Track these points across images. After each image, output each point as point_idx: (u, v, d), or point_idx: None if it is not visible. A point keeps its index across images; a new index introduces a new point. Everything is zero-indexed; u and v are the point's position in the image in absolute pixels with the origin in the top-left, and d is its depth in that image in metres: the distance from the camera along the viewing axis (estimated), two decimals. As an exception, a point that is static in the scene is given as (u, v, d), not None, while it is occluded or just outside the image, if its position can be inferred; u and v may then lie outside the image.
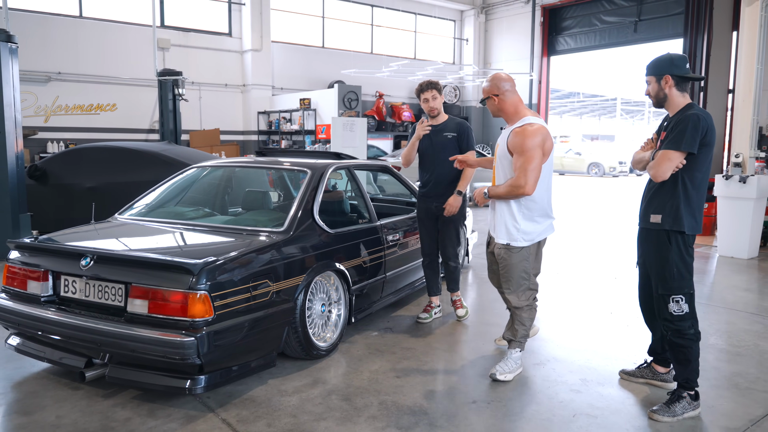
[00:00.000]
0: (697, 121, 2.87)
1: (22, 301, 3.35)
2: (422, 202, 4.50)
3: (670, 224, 2.99)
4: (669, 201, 2.99)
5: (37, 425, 2.87)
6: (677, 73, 2.99)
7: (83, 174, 7.44)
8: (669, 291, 3.02)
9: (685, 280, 3.02)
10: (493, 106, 3.45)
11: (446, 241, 4.48)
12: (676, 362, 3.10)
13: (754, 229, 7.34)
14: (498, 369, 3.49)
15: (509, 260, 3.43)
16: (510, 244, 3.41)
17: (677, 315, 3.01)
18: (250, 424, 2.89)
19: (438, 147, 4.34)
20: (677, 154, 2.90)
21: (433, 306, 4.65)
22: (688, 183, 2.96)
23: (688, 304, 3.02)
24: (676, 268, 3.00)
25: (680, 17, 13.45)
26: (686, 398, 3.03)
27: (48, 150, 11.89)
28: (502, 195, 3.36)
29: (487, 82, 3.46)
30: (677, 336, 3.03)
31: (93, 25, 12.64)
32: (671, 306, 3.02)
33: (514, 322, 3.58)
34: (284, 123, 14.43)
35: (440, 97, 4.39)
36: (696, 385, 3.06)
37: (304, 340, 3.55)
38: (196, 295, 2.89)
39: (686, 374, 3.05)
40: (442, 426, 2.90)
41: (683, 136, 2.87)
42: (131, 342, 2.92)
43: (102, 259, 3.15)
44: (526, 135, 3.25)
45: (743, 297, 5.54)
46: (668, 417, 2.98)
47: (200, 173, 4.69)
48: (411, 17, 17.94)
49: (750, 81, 7.49)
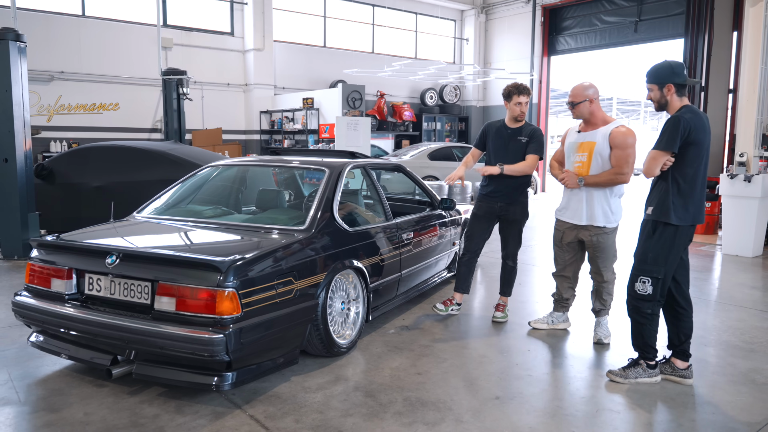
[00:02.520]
0: (677, 122, 3.16)
1: (46, 299, 3.36)
2: (485, 201, 4.52)
3: (657, 215, 3.30)
4: (659, 195, 3.31)
5: (66, 422, 2.89)
6: (678, 81, 3.27)
7: (90, 173, 7.44)
8: (639, 271, 3.35)
9: (657, 266, 3.29)
10: (587, 109, 3.92)
11: (510, 240, 4.53)
12: (632, 335, 3.47)
13: (758, 228, 7.40)
14: (600, 334, 4.10)
15: (606, 241, 3.99)
16: (606, 226, 3.96)
17: (639, 294, 3.34)
18: (278, 420, 2.92)
19: (512, 150, 4.38)
20: (660, 153, 3.21)
21: (454, 301, 4.69)
22: (678, 178, 3.25)
23: (653, 287, 3.31)
24: (652, 253, 3.31)
25: (681, 17, 13.52)
26: (642, 365, 3.42)
27: (51, 149, 11.88)
28: (602, 183, 3.88)
29: (580, 89, 3.93)
30: (635, 312, 3.39)
31: (96, 25, 12.63)
32: (637, 285, 3.35)
33: (602, 294, 4.12)
34: (287, 122, 14.44)
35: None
36: (653, 357, 3.43)
37: (325, 337, 3.58)
38: (224, 292, 2.92)
39: (637, 342, 3.44)
40: (469, 421, 2.93)
41: (664, 137, 3.20)
42: (159, 339, 2.94)
43: (128, 257, 3.16)
44: (628, 134, 3.82)
45: (751, 294, 5.60)
46: (620, 378, 3.41)
47: (216, 172, 4.71)
48: (412, 17, 17.97)
49: (754, 81, 7.56)
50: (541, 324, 4.42)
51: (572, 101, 3.94)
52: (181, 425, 2.87)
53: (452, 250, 5.57)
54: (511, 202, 4.42)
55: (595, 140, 3.91)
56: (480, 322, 4.63)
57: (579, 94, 3.93)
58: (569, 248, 4.17)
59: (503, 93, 4.46)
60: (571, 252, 4.18)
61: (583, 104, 3.91)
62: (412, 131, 17.10)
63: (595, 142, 3.91)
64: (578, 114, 3.97)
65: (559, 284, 4.35)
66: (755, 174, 7.35)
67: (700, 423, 2.96)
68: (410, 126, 17.01)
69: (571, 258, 4.20)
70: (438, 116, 17.86)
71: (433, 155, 13.54)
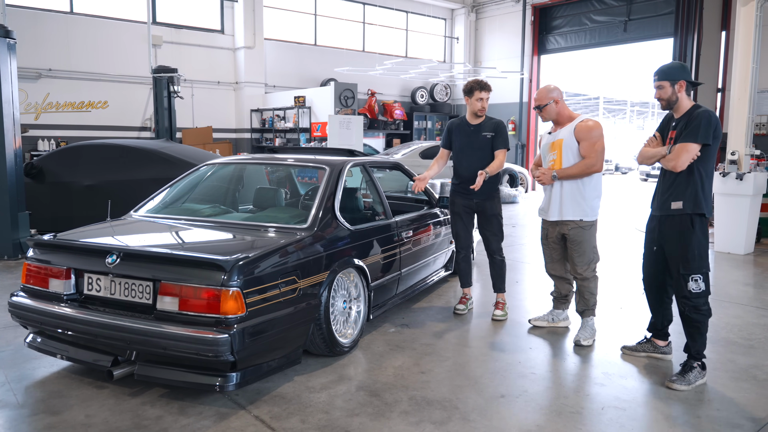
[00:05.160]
0: (709, 117, 3.27)
1: (43, 299, 3.30)
2: (460, 198, 4.58)
3: (692, 208, 3.32)
4: (688, 188, 3.33)
5: (67, 425, 2.84)
6: (689, 79, 3.40)
7: (81, 172, 7.34)
8: (689, 271, 3.33)
9: (704, 261, 3.34)
10: (554, 110, 4.04)
11: (490, 236, 4.58)
12: (690, 336, 3.42)
13: (750, 225, 7.47)
14: (581, 336, 4.04)
15: (582, 236, 4.01)
16: (582, 219, 3.98)
17: (695, 293, 3.33)
18: (283, 421, 2.89)
19: (477, 146, 4.46)
20: (695, 146, 3.27)
21: (468, 297, 4.81)
22: (702, 172, 3.33)
23: (705, 282, 3.34)
24: (697, 249, 3.32)
25: (670, 17, 13.62)
26: (697, 368, 3.36)
27: (39, 148, 11.71)
28: (574, 174, 3.93)
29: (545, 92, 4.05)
30: (694, 312, 3.35)
31: (84, 22, 12.46)
32: (690, 284, 3.33)
33: (584, 294, 4.10)
34: (278, 121, 14.36)
35: None
36: (704, 356, 3.40)
37: (328, 336, 3.55)
38: (229, 291, 2.88)
39: (698, 346, 3.39)
40: (475, 420, 2.92)
41: (699, 130, 3.25)
42: (162, 339, 2.89)
43: (129, 256, 3.11)
44: (592, 126, 3.94)
45: (746, 291, 5.65)
46: (684, 385, 3.29)
47: (212, 171, 4.66)
48: (402, 15, 17.94)
49: (746, 80, 7.61)
50: (541, 322, 4.44)
51: (538, 104, 4.06)
52: (185, 426, 2.83)
53: (449, 248, 5.56)
54: (486, 198, 4.49)
55: (562, 137, 4.04)
56: (480, 320, 4.62)
57: (544, 97, 4.04)
58: (555, 245, 4.20)
59: (464, 89, 4.55)
60: (557, 248, 4.22)
61: (549, 106, 4.03)
62: (403, 130, 17.08)
63: (563, 138, 4.03)
64: (546, 116, 4.10)
65: (556, 282, 4.38)
66: (746, 172, 7.42)
67: (705, 419, 2.97)
68: (401, 125, 16.98)
69: (558, 255, 4.24)
70: (429, 115, 17.86)
71: (425, 154, 13.52)
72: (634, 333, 4.17)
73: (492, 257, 4.65)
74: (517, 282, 5.82)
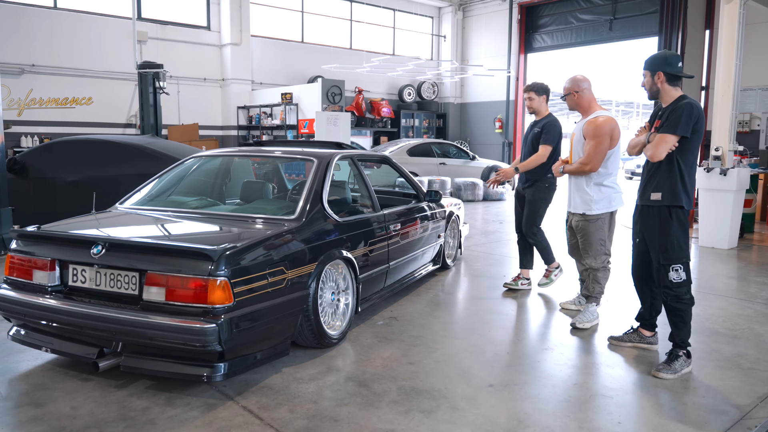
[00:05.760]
0: (690, 109, 3.28)
1: (27, 291, 3.26)
2: (518, 184, 5.18)
3: (670, 200, 3.36)
4: (667, 180, 3.36)
5: (52, 416, 2.80)
6: (669, 71, 3.38)
7: (65, 167, 7.24)
8: (669, 261, 3.38)
9: (683, 251, 3.39)
10: (572, 101, 4.17)
11: (525, 219, 5.06)
12: (673, 325, 3.46)
13: (734, 220, 7.56)
14: (577, 319, 4.18)
15: (587, 228, 4.14)
16: (585, 213, 4.12)
17: (676, 282, 3.37)
18: (272, 411, 2.87)
19: (528, 141, 5.01)
20: (672, 137, 3.29)
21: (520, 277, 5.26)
22: (681, 164, 3.35)
23: (686, 272, 3.38)
24: (676, 240, 3.36)
25: (654, 16, 13.74)
26: (682, 357, 3.41)
27: (22, 144, 11.54)
28: (572, 171, 4.12)
29: (569, 82, 4.18)
30: (676, 301, 3.39)
31: (68, 17, 12.30)
32: (671, 274, 3.37)
33: (591, 281, 4.24)
34: (265, 118, 14.29)
35: (537, 99, 4.90)
36: (689, 344, 3.45)
37: (316, 328, 3.53)
38: (216, 281, 2.86)
39: (682, 335, 3.43)
40: (464, 409, 2.93)
41: (679, 122, 3.27)
42: (149, 330, 2.86)
43: (115, 246, 3.08)
44: (598, 124, 3.99)
45: (730, 284, 5.72)
46: (670, 374, 3.33)
47: (199, 163, 4.62)
48: (390, 13, 17.93)
49: (729, 78, 7.70)
50: (569, 305, 4.64)
51: (563, 94, 4.25)
52: (172, 417, 2.80)
53: (437, 242, 5.57)
54: (529, 186, 5.00)
55: (575, 131, 4.23)
56: (468, 312, 4.64)
57: (566, 88, 4.22)
58: (572, 232, 4.39)
59: None
60: (574, 235, 4.38)
61: (569, 97, 4.20)
62: (390, 128, 17.09)
63: (575, 133, 4.22)
64: (570, 105, 4.26)
65: (577, 265, 4.52)
66: (730, 168, 7.51)
67: (692, 406, 3.00)
68: (388, 122, 16.98)
69: (575, 241, 4.39)
70: (416, 113, 17.88)
71: (412, 151, 13.57)
72: (620, 324, 4.20)
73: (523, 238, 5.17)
74: (504, 276, 5.84)
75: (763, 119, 11.92)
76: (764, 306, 4.86)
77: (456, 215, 6.12)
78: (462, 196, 12.98)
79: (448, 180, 13.09)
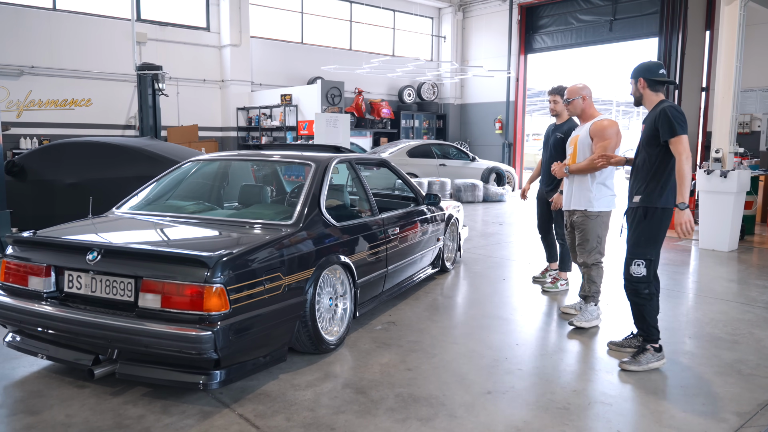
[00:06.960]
0: (673, 110, 3.42)
1: (23, 297, 3.23)
2: (541, 187, 5.29)
3: (646, 202, 3.50)
4: (645, 183, 3.51)
5: (47, 425, 2.78)
6: (648, 77, 3.56)
7: (64, 170, 7.22)
8: (633, 255, 3.53)
9: (649, 249, 3.50)
10: (579, 106, 4.38)
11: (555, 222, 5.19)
12: (634, 317, 3.62)
13: (734, 222, 7.54)
14: (577, 318, 4.29)
15: (586, 224, 4.25)
16: (587, 209, 4.24)
17: (635, 276, 3.51)
18: (268, 419, 2.85)
19: (552, 145, 5.08)
20: (685, 137, 3.39)
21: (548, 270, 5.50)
22: (661, 166, 3.48)
23: (646, 269, 3.49)
24: (644, 236, 3.50)
25: (655, 17, 13.71)
26: (650, 350, 3.52)
27: (21, 146, 11.53)
28: (582, 169, 4.22)
29: (577, 87, 4.40)
30: (633, 294, 3.55)
31: (67, 18, 12.28)
32: (632, 268, 3.52)
33: (587, 281, 4.35)
34: (264, 119, 14.27)
35: (561, 102, 4.94)
36: (657, 339, 3.55)
37: (314, 333, 3.51)
38: (212, 288, 2.84)
39: (645, 329, 3.56)
40: (462, 416, 2.90)
41: (677, 123, 3.37)
42: (144, 337, 2.84)
43: (110, 253, 3.06)
44: (606, 125, 4.22)
45: (730, 288, 5.69)
46: (635, 366, 3.47)
47: (197, 167, 4.60)
48: (389, 14, 17.91)
49: (729, 79, 7.67)
50: (570, 309, 4.65)
51: (567, 98, 4.43)
52: (168, 425, 2.78)
53: (437, 246, 5.55)
54: (552, 189, 5.08)
55: (579, 134, 4.38)
56: (467, 317, 4.61)
57: (573, 91, 4.41)
58: (572, 233, 4.47)
59: None
60: (573, 236, 4.46)
61: (576, 101, 4.39)
62: (390, 129, 17.06)
63: (579, 135, 4.37)
64: (572, 110, 4.45)
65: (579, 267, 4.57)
66: (730, 170, 7.48)
67: (691, 413, 2.97)
68: (388, 123, 16.95)
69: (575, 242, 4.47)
70: (416, 114, 17.85)
71: (412, 152, 13.53)
72: (620, 329, 4.18)
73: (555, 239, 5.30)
74: (503, 279, 5.83)
75: (764, 120, 11.88)
76: (765, 310, 4.84)
77: (455, 218, 6.10)
78: (462, 198, 12.96)
79: (447, 181, 13.07)
